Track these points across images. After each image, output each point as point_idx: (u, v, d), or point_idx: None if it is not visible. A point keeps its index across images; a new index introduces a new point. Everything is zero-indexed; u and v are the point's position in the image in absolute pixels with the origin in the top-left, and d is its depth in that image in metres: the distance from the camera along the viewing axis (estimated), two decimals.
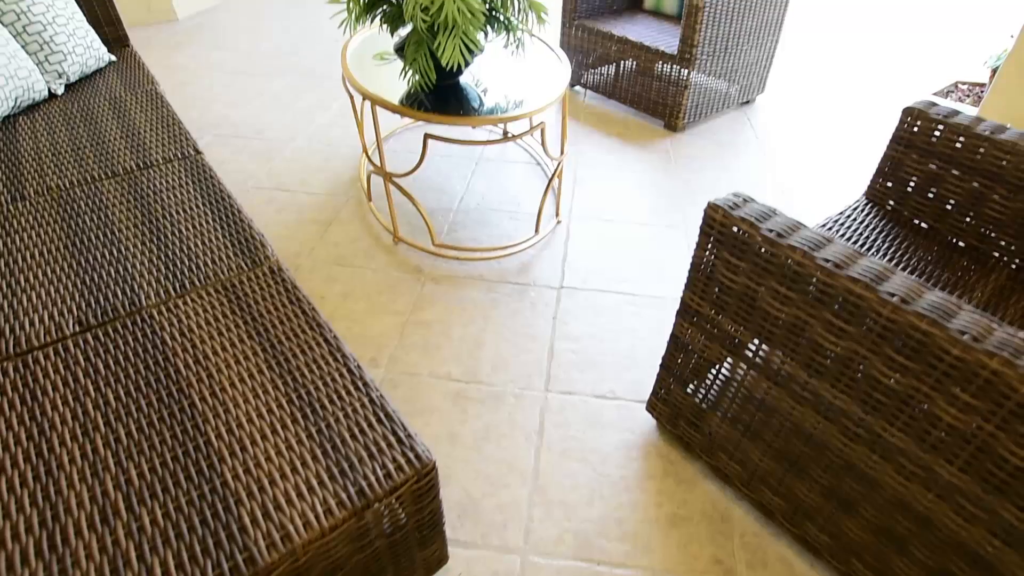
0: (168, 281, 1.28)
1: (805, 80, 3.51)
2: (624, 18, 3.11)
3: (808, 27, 4.68)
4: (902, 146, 1.50)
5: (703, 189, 2.39)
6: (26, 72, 2.05)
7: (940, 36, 4.73)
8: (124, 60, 2.46)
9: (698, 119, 2.89)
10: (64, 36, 2.20)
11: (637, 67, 2.85)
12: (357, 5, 1.74)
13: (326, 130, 2.76)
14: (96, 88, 2.22)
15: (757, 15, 2.79)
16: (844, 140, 2.84)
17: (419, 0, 1.55)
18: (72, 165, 1.72)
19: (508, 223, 2.11)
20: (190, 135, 1.85)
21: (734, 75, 2.93)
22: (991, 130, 1.37)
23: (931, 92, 3.70)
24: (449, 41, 1.58)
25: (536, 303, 1.78)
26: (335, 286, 1.83)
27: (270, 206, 2.21)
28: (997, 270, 1.39)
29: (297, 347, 1.10)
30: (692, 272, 1.15)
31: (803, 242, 0.95)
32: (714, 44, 2.67)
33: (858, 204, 1.57)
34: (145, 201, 1.54)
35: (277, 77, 3.34)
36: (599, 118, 2.96)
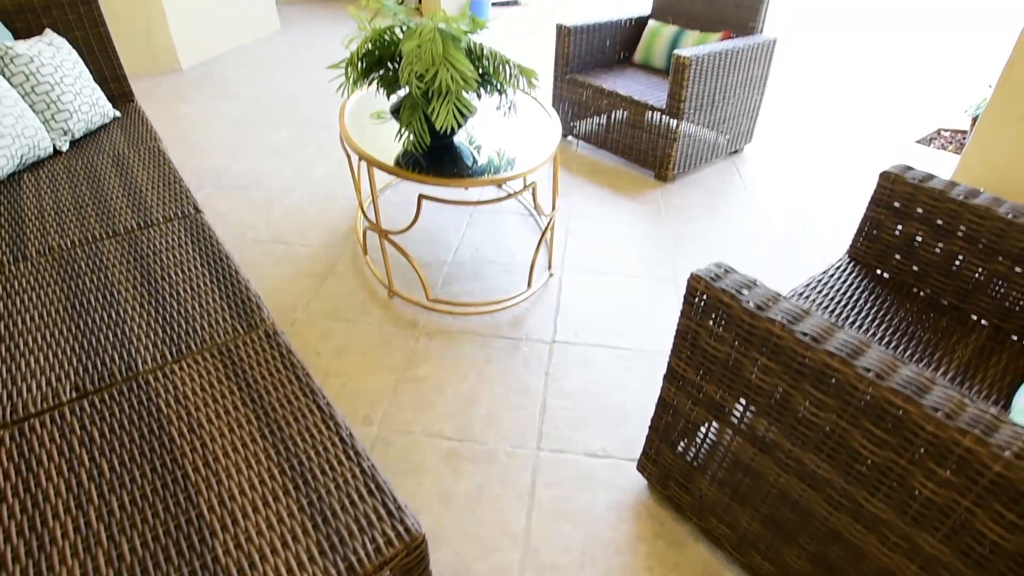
0: (165, 345, 1.30)
1: (792, 128, 3.61)
2: (615, 72, 3.22)
3: (794, 74, 4.83)
4: (881, 208, 1.55)
5: (693, 240, 2.44)
6: (32, 131, 2.11)
7: (923, 82, 4.87)
8: (128, 115, 2.52)
9: (688, 169, 2.96)
10: (71, 95, 2.27)
11: (627, 119, 2.93)
12: (355, 70, 1.81)
13: (324, 181, 2.82)
14: (100, 144, 2.28)
15: (742, 71, 2.90)
16: (830, 189, 2.91)
17: (414, 67, 1.62)
18: (74, 224, 1.75)
19: (502, 275, 2.15)
20: (190, 193, 1.90)
21: (722, 126, 3.01)
22: (964, 195, 1.42)
23: (915, 140, 3.81)
24: (443, 106, 1.64)
25: (529, 358, 1.80)
26: (330, 341, 1.85)
27: (267, 258, 2.25)
28: (977, 330, 1.42)
29: (290, 414, 1.12)
30: (677, 339, 1.18)
31: (782, 315, 0.98)
32: (701, 98, 2.76)
33: (841, 263, 1.61)
34: (145, 261, 1.58)
35: (278, 128, 3.42)
36: (591, 168, 3.03)
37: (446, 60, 1.58)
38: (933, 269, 1.50)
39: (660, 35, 3.19)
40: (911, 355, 1.34)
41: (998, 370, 1.31)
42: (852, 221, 2.64)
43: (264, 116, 3.60)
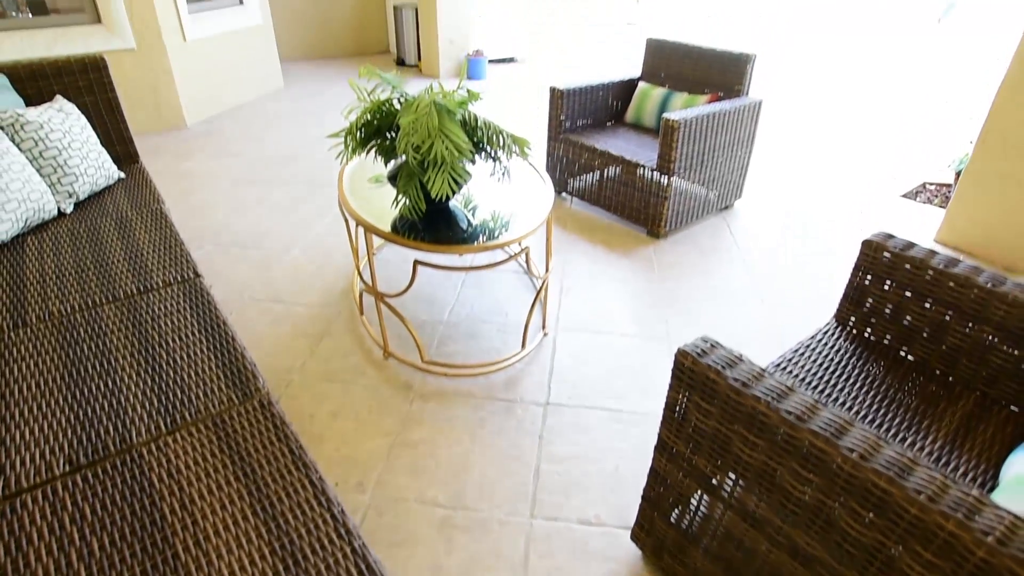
0: (160, 416, 1.31)
1: (781, 184, 3.70)
2: (607, 131, 3.32)
3: (782, 131, 4.97)
4: (865, 275, 1.59)
5: (686, 298, 2.48)
6: (39, 194, 2.16)
7: (907, 136, 5.01)
8: (133, 176, 2.59)
9: (680, 226, 3.02)
10: (78, 159, 2.34)
11: (620, 177, 3.01)
12: (354, 140, 1.87)
13: (322, 239, 2.88)
14: (104, 206, 2.33)
15: (729, 131, 2.99)
16: (818, 244, 2.97)
17: (411, 139, 1.68)
18: (75, 288, 1.78)
19: (496, 335, 2.17)
20: (190, 257, 1.93)
21: (712, 183, 3.09)
22: (944, 264, 1.46)
23: (900, 194, 3.90)
24: (438, 175, 1.69)
25: (523, 421, 1.80)
26: (325, 404, 1.86)
27: (265, 318, 2.27)
28: (964, 396, 1.44)
29: (283, 489, 1.12)
30: (667, 411, 1.19)
31: (767, 392, 1.00)
32: (691, 158, 2.84)
33: (828, 328, 1.64)
34: (143, 327, 1.60)
35: (278, 185, 3.50)
36: (584, 224, 3.10)
37: (442, 132, 1.65)
38: (919, 335, 1.53)
39: (650, 96, 3.31)
40: (899, 423, 1.36)
41: (986, 439, 1.32)
42: (840, 277, 2.68)
43: (265, 173, 3.68)
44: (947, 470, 1.26)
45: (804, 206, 3.42)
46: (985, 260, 2.94)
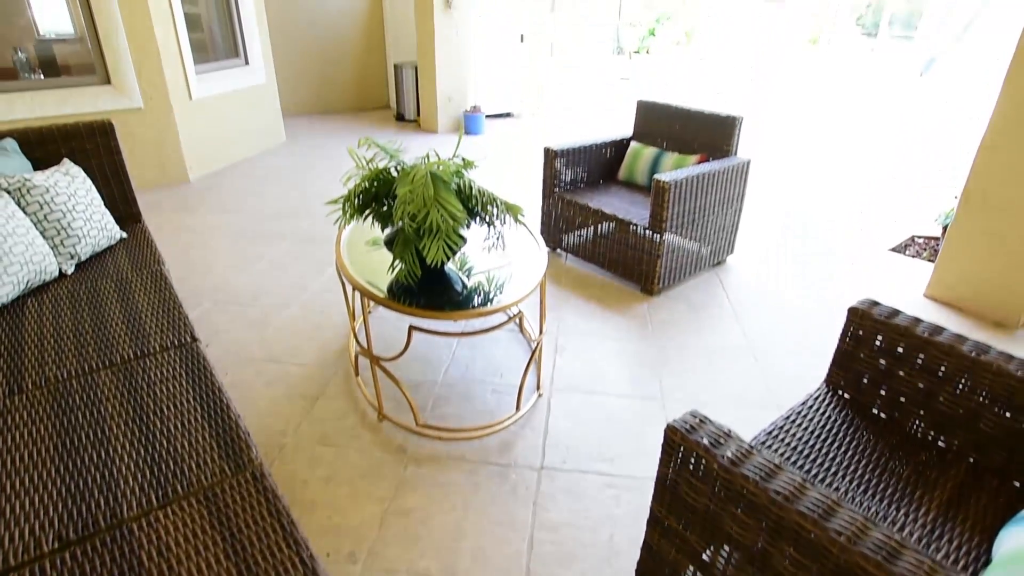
0: (152, 488, 1.30)
1: (772, 238, 3.77)
2: (600, 189, 3.40)
3: (772, 186, 5.09)
4: (852, 341, 1.62)
5: (679, 357, 2.50)
6: (41, 257, 2.20)
7: (895, 190, 5.13)
8: (134, 236, 2.64)
9: (673, 282, 3.07)
10: (81, 221, 2.38)
11: (613, 235, 3.07)
12: (352, 207, 1.92)
13: (319, 296, 2.91)
14: (105, 267, 2.36)
15: (719, 190, 3.07)
16: (809, 300, 3.00)
17: (407, 208, 1.73)
18: (72, 353, 1.80)
19: (491, 397, 2.18)
20: (188, 320, 1.95)
21: (704, 239, 3.16)
22: (929, 332, 1.49)
23: (889, 247, 3.97)
24: (434, 243, 1.74)
25: (517, 487, 1.79)
26: (318, 469, 1.85)
27: (260, 379, 2.28)
28: (956, 464, 1.45)
29: (272, 569, 1.11)
30: (658, 485, 1.20)
31: (755, 471, 1.01)
32: (682, 217, 2.91)
33: (819, 393, 1.66)
34: (139, 395, 1.61)
35: (277, 241, 3.56)
36: (579, 281, 3.14)
37: (437, 201, 1.70)
38: (909, 401, 1.54)
39: (642, 156, 3.41)
40: (891, 494, 1.36)
41: (978, 510, 1.32)
42: (831, 333, 2.70)
43: (265, 229, 3.74)
44: (940, 543, 1.26)
45: (795, 260, 3.47)
46: (976, 316, 2.98)
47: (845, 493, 1.36)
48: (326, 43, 7.36)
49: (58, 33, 5.08)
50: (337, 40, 7.43)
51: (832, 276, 3.31)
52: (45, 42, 5.13)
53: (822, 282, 3.22)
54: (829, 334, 2.71)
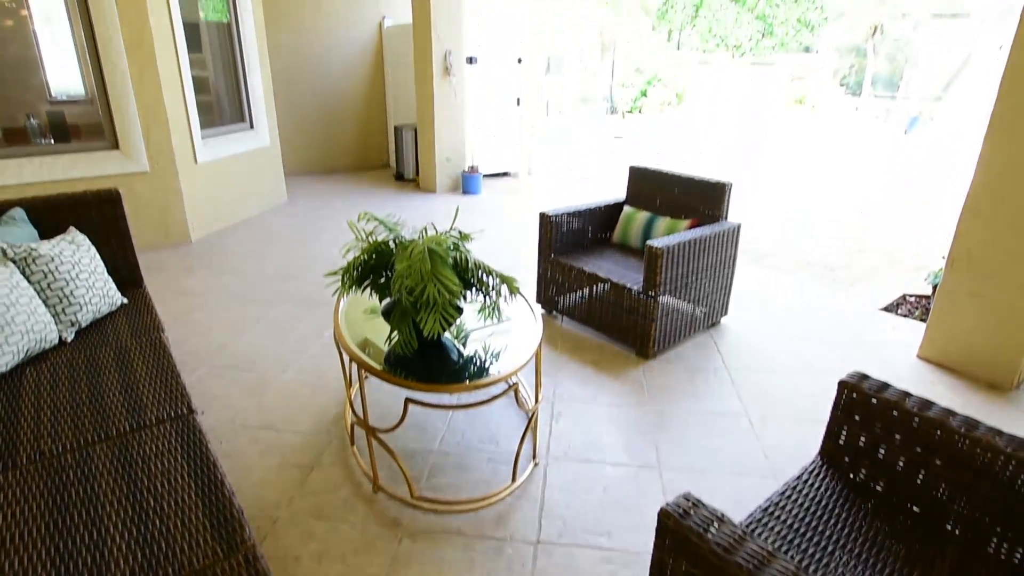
0: (143, 572, 1.29)
1: (765, 299, 3.81)
2: (595, 252, 3.47)
3: (764, 244, 5.19)
4: (843, 414, 1.63)
5: (675, 423, 2.50)
6: (42, 325, 2.22)
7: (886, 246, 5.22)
8: (135, 302, 2.67)
9: (668, 345, 3.09)
10: (84, 289, 2.42)
11: (608, 298, 3.12)
12: (350, 278, 1.97)
13: (317, 361, 2.92)
14: (104, 335, 2.39)
15: (711, 254, 3.14)
16: (803, 364, 3.02)
17: (404, 282, 1.78)
18: (68, 426, 1.80)
19: (487, 466, 2.17)
20: (186, 391, 1.96)
21: (698, 302, 3.20)
22: (918, 407, 1.51)
23: (880, 307, 4.02)
24: (430, 316, 1.77)
25: (512, 562, 1.77)
26: (311, 544, 1.82)
27: (254, 447, 2.27)
28: (953, 541, 1.44)
29: None
30: (653, 569, 1.19)
31: (748, 559, 1.02)
32: (675, 281, 2.96)
33: (814, 467, 1.66)
34: (133, 470, 1.60)
35: (277, 303, 3.59)
36: (574, 344, 3.16)
37: (434, 276, 1.74)
38: (902, 476, 1.55)
39: (635, 220, 3.49)
40: (888, 573, 1.35)
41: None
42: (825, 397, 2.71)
43: (264, 291, 3.79)
44: None
45: (787, 320, 3.51)
46: (969, 377, 2.99)
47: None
48: (329, 105, 7.61)
49: (70, 95, 5.27)
50: (340, 102, 7.69)
51: (824, 337, 3.34)
52: (57, 103, 5.32)
53: (815, 344, 3.25)
54: (823, 398, 2.72)
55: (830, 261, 4.95)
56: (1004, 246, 2.83)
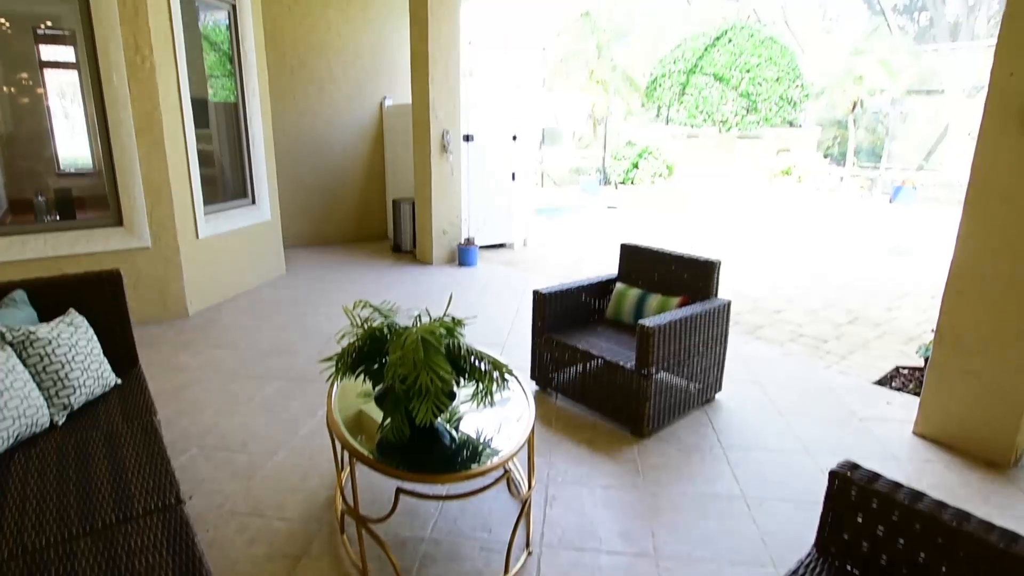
0: None
1: (759, 375, 3.82)
2: (588, 329, 3.51)
3: (755, 322, 5.24)
4: (836, 505, 1.63)
5: (671, 507, 2.46)
6: (34, 409, 2.22)
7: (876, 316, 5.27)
8: (129, 383, 2.66)
9: (663, 423, 3.08)
10: (79, 371, 2.43)
11: (602, 375, 3.13)
12: (344, 365, 1.99)
13: (309, 441, 2.90)
14: (96, 418, 2.37)
15: (702, 331, 3.18)
16: (798, 441, 3.01)
17: (398, 371, 1.80)
18: (53, 518, 1.77)
19: (479, 555, 2.12)
20: (175, 479, 1.94)
21: (691, 378, 3.21)
22: (908, 499, 1.51)
23: (873, 380, 4.02)
24: (423, 405, 1.78)
25: None
26: None
27: (242, 536, 2.22)
28: None
29: None
30: None
31: None
32: (668, 359, 2.99)
33: (811, 560, 1.64)
34: (117, 567, 1.57)
35: (270, 380, 3.59)
36: (569, 423, 3.15)
37: (427, 365, 1.77)
38: (901, 567, 1.53)
39: (627, 296, 3.55)
40: None
41: None
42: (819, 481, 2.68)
43: (259, 367, 3.79)
44: None
45: (781, 396, 3.51)
46: (967, 455, 2.97)
47: None
48: (330, 179, 7.84)
49: (78, 166, 5.43)
50: (341, 176, 7.92)
51: (819, 413, 3.33)
52: (65, 176, 5.48)
53: (810, 421, 3.24)
54: (820, 480, 2.68)
55: (822, 332, 4.99)
56: (990, 324, 2.88)
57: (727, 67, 13.37)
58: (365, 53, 7.83)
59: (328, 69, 7.58)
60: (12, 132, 5.38)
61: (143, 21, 4.32)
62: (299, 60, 7.37)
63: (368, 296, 3.39)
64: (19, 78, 5.54)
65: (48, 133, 5.48)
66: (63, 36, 5.58)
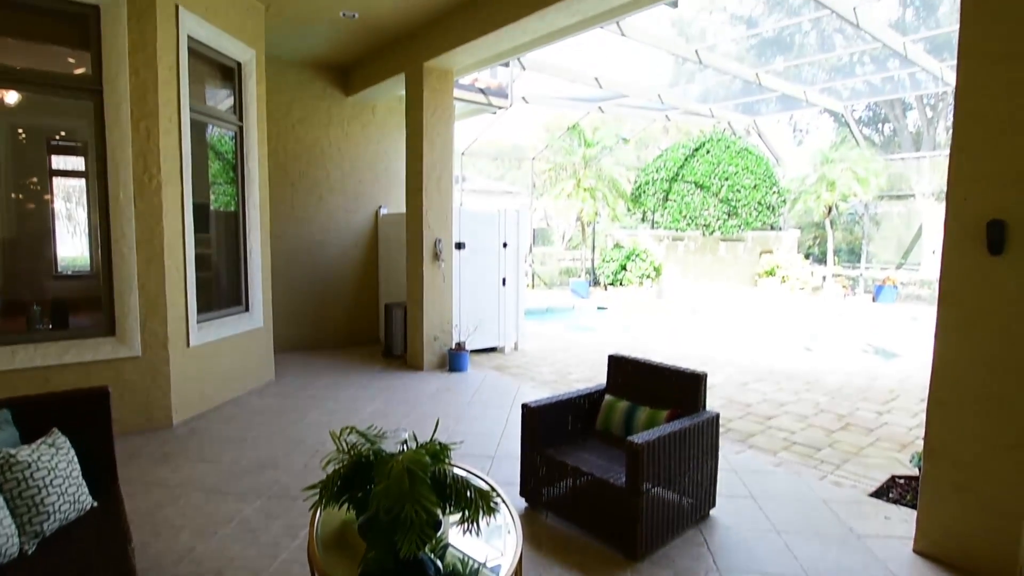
0: None
1: (754, 486, 3.75)
2: (577, 442, 3.49)
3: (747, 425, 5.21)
4: None
5: None
6: (4, 539, 2.14)
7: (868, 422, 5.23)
8: (105, 506, 2.58)
9: (656, 544, 2.99)
10: (55, 495, 2.37)
11: (592, 492, 3.07)
12: (328, 493, 1.97)
13: (288, 567, 2.78)
14: (68, 547, 2.29)
15: (692, 445, 3.17)
16: (797, 564, 2.91)
17: (382, 502, 1.78)
18: None
19: None
20: None
21: (683, 492, 3.16)
22: None
23: (868, 492, 3.94)
24: (407, 537, 1.75)
25: None
26: None
27: None
28: None
29: None
30: None
31: None
32: (658, 475, 2.95)
33: None
34: None
35: (251, 498, 3.49)
36: (559, 544, 3.05)
37: (413, 496, 1.76)
38: None
39: (616, 409, 3.56)
40: None
41: None
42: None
43: (240, 483, 3.69)
44: None
45: (776, 511, 3.43)
46: (969, 573, 2.88)
47: None
48: (324, 283, 7.99)
49: (76, 268, 5.48)
50: (335, 281, 8.08)
51: (816, 530, 3.25)
52: (61, 278, 5.48)
53: (807, 538, 3.15)
54: None
55: (814, 439, 4.95)
56: (976, 437, 2.88)
57: (707, 175, 14.12)
58: (363, 165, 8.25)
59: (327, 180, 7.95)
60: (15, 236, 5.44)
61: (154, 143, 4.58)
62: (300, 172, 7.74)
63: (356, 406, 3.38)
64: (27, 183, 5.67)
65: (50, 235, 5.51)
66: (75, 147, 5.87)
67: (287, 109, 7.55)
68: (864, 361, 8.37)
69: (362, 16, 6.17)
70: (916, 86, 12.50)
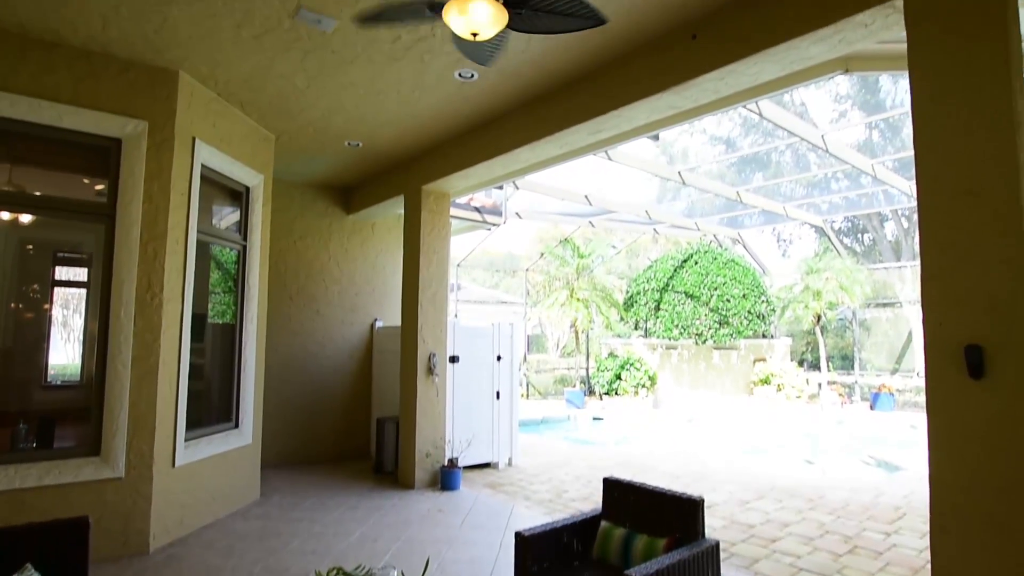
0: None
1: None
2: (574, 570, 3.34)
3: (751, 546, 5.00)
4: None
5: None
6: None
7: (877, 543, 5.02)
8: None
9: None
10: None
11: None
12: None
13: None
14: None
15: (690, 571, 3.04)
16: None
17: None
18: None
19: None
20: None
21: None
22: None
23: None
24: None
25: None
26: None
27: None
28: None
29: None
30: None
31: None
32: None
33: None
34: None
35: None
36: None
37: None
38: None
39: (612, 537, 3.44)
40: None
41: None
42: None
43: None
44: None
45: None
46: None
47: None
48: (317, 397, 7.91)
49: (66, 378, 5.39)
50: (328, 394, 8.01)
51: None
52: (50, 388, 5.35)
53: None
54: None
55: (822, 566, 4.72)
56: (987, 568, 2.78)
57: (696, 285, 14.44)
58: (361, 279, 8.46)
59: (325, 294, 8.12)
60: (9, 346, 5.27)
61: (160, 264, 4.74)
62: (299, 287, 7.92)
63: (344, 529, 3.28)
64: (29, 291, 5.59)
65: (44, 342, 5.38)
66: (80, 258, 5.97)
67: (290, 226, 7.86)
68: (867, 475, 8.17)
69: (365, 145, 6.62)
70: (890, 201, 13.14)
